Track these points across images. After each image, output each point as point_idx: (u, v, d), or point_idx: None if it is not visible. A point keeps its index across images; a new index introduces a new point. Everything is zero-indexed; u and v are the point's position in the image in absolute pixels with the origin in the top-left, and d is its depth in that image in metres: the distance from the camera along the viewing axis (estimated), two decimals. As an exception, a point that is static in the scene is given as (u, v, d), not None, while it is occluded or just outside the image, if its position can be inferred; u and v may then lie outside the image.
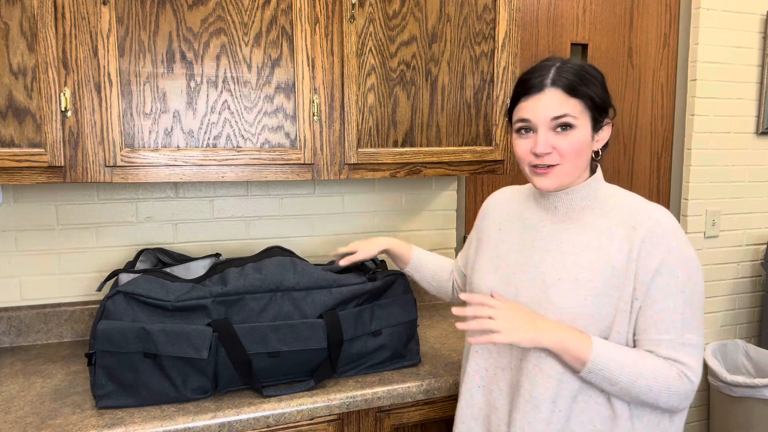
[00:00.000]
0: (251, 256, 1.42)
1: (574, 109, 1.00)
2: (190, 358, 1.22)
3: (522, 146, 1.05)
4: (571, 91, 0.99)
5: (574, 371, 0.99)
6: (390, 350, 1.40)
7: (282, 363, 1.30)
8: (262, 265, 1.32)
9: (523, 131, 1.04)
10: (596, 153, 1.07)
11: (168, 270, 1.43)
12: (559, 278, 1.01)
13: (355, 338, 1.35)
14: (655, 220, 0.98)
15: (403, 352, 1.43)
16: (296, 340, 1.28)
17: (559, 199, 1.07)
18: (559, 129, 1.00)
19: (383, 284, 1.38)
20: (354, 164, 1.51)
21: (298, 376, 1.34)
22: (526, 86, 1.03)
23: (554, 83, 1.00)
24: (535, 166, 1.03)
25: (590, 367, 0.96)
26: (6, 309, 1.61)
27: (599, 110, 1.02)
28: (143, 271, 1.37)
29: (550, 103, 1.00)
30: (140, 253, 1.55)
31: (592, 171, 1.09)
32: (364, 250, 1.37)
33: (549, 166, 1.02)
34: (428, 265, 1.39)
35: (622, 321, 0.99)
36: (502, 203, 1.22)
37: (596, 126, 1.03)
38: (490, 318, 1.00)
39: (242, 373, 1.26)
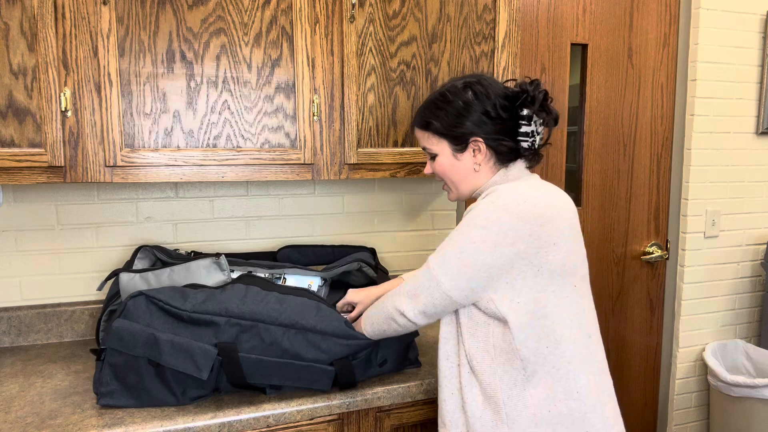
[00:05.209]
0: (280, 285, 1.36)
1: (430, 140, 1.17)
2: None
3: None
4: (423, 126, 1.18)
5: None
6: (394, 370, 1.41)
7: (284, 391, 1.31)
8: (285, 299, 1.28)
9: None
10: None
11: (169, 270, 1.43)
12: None
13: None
14: (495, 194, 1.07)
15: (403, 364, 1.43)
16: (301, 380, 1.27)
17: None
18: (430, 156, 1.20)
19: None
20: (354, 164, 1.51)
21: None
22: None
23: (414, 121, 1.21)
24: None
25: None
26: (6, 309, 1.61)
27: (454, 136, 1.13)
28: (143, 271, 1.38)
29: (418, 138, 1.21)
30: (138, 250, 1.54)
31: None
32: (364, 303, 1.40)
33: (445, 184, 1.22)
34: None
35: None
36: None
37: (459, 148, 1.14)
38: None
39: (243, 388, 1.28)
